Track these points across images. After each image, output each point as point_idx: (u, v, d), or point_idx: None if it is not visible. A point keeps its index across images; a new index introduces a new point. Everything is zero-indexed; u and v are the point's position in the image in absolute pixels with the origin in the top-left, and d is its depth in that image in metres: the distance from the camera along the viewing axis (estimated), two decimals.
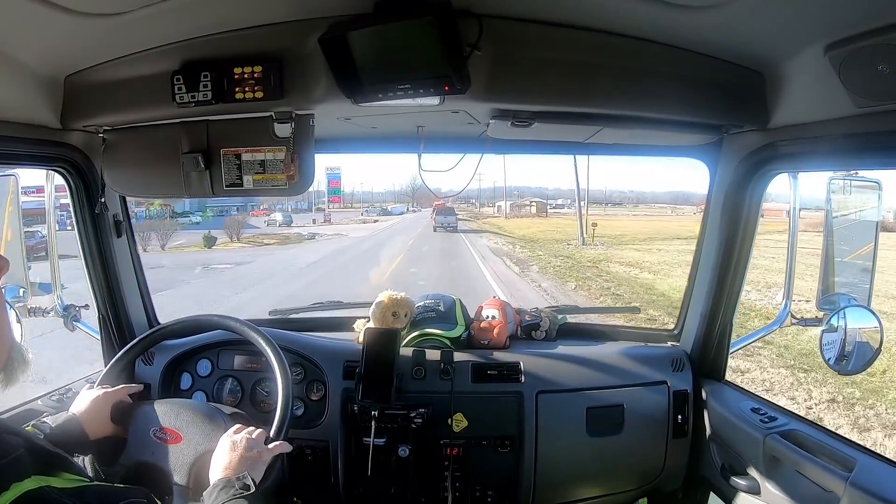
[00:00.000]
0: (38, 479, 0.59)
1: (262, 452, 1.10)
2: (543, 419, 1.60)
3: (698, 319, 1.67)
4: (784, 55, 1.13)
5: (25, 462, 0.60)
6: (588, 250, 19.07)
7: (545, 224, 34.79)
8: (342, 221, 39.74)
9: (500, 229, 30.75)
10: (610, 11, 1.11)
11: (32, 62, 1.20)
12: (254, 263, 16.87)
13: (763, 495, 1.37)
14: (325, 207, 48.05)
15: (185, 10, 1.09)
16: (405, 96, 1.16)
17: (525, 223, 36.47)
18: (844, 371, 1.42)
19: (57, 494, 0.59)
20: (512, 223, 37.12)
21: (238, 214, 34.14)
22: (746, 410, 1.48)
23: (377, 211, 55.36)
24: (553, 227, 30.06)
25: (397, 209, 61.52)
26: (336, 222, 38.94)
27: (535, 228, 30.15)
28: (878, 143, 1.05)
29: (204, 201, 32.59)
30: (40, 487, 0.58)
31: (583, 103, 1.25)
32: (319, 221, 39.26)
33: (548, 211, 49.45)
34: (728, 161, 1.51)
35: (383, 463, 1.57)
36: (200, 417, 1.21)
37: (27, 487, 0.57)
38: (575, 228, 23.03)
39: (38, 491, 0.57)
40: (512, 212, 48.56)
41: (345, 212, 53.40)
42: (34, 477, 0.59)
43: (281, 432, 1.24)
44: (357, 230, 31.33)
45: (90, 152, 1.52)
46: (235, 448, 1.07)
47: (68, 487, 0.61)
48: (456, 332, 1.76)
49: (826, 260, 1.49)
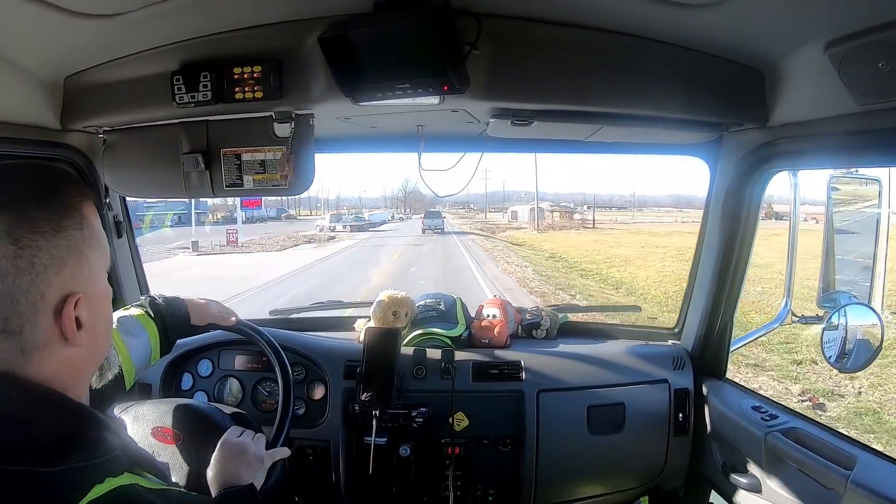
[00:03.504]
0: (130, 476, 0.61)
1: (263, 458, 1.10)
2: (544, 418, 1.60)
3: (699, 317, 1.67)
4: (784, 52, 1.13)
5: (122, 459, 0.62)
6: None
7: (608, 242, 22.60)
8: (262, 243, 23.73)
9: (557, 262, 16.54)
10: (609, 10, 1.11)
11: (32, 63, 1.20)
12: None
13: (764, 493, 1.37)
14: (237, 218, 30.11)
15: (184, 10, 1.09)
16: (404, 95, 1.16)
17: (580, 243, 22.39)
18: (845, 369, 1.42)
19: (144, 492, 0.61)
20: (555, 242, 23.10)
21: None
22: (747, 408, 1.48)
23: (348, 219, 36.90)
24: (640, 252, 18.52)
25: (378, 216, 44.67)
26: (251, 245, 22.96)
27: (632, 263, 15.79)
28: (878, 141, 1.04)
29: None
30: (131, 484, 0.60)
31: (582, 102, 1.24)
32: (213, 246, 21.53)
33: (573, 218, 37.66)
34: (728, 159, 1.51)
35: (384, 462, 1.57)
36: (201, 417, 1.21)
37: (119, 483, 0.59)
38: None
39: (129, 487, 0.60)
40: (531, 220, 35.36)
41: (289, 224, 39.32)
42: (126, 474, 0.61)
43: (281, 436, 1.24)
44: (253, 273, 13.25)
45: (90, 153, 1.52)
46: (238, 454, 1.06)
47: (154, 488, 0.64)
48: (457, 331, 1.76)
49: (826, 258, 1.48)
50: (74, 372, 0.65)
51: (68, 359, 0.63)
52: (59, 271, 0.61)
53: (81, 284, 0.63)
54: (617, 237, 26.02)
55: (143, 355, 1.17)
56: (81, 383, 0.67)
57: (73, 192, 0.64)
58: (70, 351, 0.63)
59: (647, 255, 17.77)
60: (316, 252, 20.82)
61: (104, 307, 0.69)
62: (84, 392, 0.68)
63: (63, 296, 0.61)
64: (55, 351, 0.62)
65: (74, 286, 0.62)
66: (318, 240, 26.98)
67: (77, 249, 0.62)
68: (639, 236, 26.00)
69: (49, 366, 0.61)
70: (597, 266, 15.49)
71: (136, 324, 1.17)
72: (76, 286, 0.62)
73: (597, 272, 14.32)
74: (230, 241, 22.83)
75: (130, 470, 0.63)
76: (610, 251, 19.06)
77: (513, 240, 25.77)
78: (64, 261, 0.61)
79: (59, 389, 0.62)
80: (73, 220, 0.62)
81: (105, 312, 0.69)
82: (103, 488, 0.57)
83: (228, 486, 0.99)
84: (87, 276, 0.64)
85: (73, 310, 0.61)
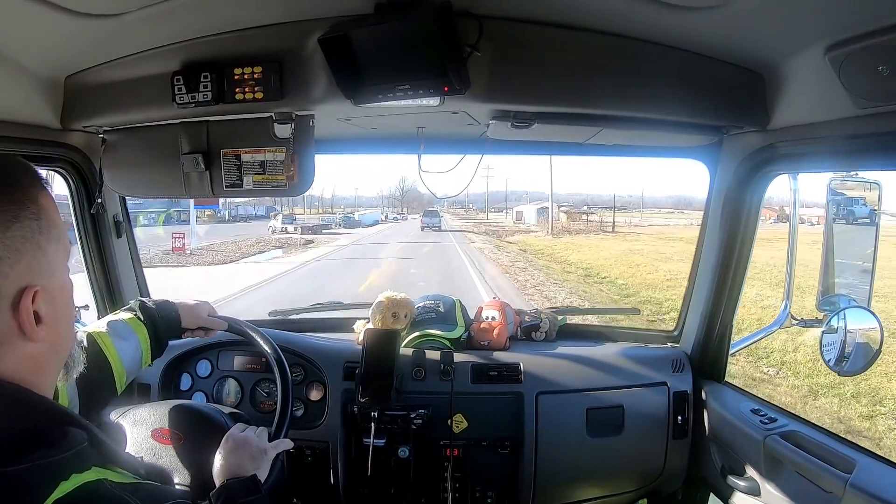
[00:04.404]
0: (98, 471, 0.60)
1: (266, 450, 1.10)
2: (543, 420, 1.60)
3: (698, 320, 1.67)
4: (784, 56, 1.13)
5: (88, 454, 0.61)
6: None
7: (640, 250, 18.62)
8: (220, 250, 19.74)
9: (603, 285, 12.52)
10: (610, 12, 1.11)
11: (32, 63, 1.20)
12: None
13: (763, 496, 1.37)
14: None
15: (185, 10, 1.09)
16: (405, 97, 1.16)
17: (611, 252, 18.19)
18: (844, 372, 1.41)
19: (114, 488, 0.59)
20: (579, 250, 19.22)
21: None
22: (746, 411, 1.48)
23: (332, 219, 31.35)
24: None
25: (369, 216, 40.93)
26: (204, 253, 19.01)
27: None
28: (878, 144, 1.05)
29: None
30: (99, 479, 0.59)
31: (583, 104, 1.24)
32: (153, 255, 16.41)
33: (589, 220, 33.09)
34: (728, 162, 1.51)
35: (383, 464, 1.57)
36: (201, 417, 1.21)
37: (86, 479, 0.57)
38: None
39: (96, 483, 0.58)
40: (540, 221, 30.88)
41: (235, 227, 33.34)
42: (94, 469, 0.59)
43: (282, 431, 1.24)
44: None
45: (90, 153, 1.52)
46: (241, 447, 1.06)
47: (125, 483, 0.62)
48: (456, 332, 1.76)
49: (826, 261, 1.48)
50: (36, 368, 0.63)
51: (29, 355, 0.61)
52: (14, 263, 0.59)
53: (39, 277, 0.61)
54: (650, 244, 21.08)
55: (133, 358, 1.17)
56: (46, 380, 0.65)
57: (29, 182, 0.62)
58: (30, 346, 0.61)
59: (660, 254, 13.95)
60: (271, 266, 15.75)
61: (65, 300, 0.67)
62: (49, 389, 0.66)
63: (20, 289, 0.59)
64: (14, 347, 0.60)
65: (32, 279, 0.60)
66: (290, 245, 22.69)
67: (34, 241, 0.61)
68: (676, 244, 20.59)
69: (9, 362, 0.60)
70: (666, 295, 10.70)
71: (125, 327, 1.17)
72: (33, 279, 0.60)
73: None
74: (175, 247, 18.22)
75: (101, 464, 0.61)
76: (659, 266, 14.08)
77: (526, 245, 21.64)
78: (20, 252, 0.59)
79: (22, 386, 0.60)
80: (30, 211, 0.61)
81: (66, 306, 0.67)
82: (69, 486, 0.55)
83: (232, 477, 1.00)
84: (46, 268, 0.62)
85: (30, 303, 0.60)
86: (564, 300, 10.60)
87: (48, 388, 0.66)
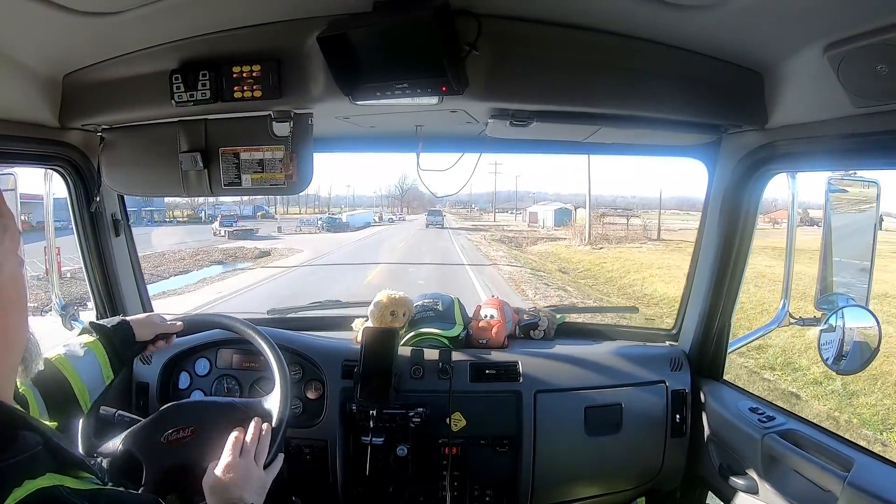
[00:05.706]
0: (53, 478, 0.57)
1: (266, 485, 1.08)
2: (542, 419, 1.60)
3: (696, 319, 1.67)
4: (783, 55, 1.13)
5: (42, 459, 0.58)
6: None
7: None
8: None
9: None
10: (608, 11, 1.11)
11: (31, 61, 1.20)
12: None
13: (761, 495, 1.37)
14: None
15: (183, 9, 1.09)
16: (403, 95, 1.16)
17: (674, 266, 12.76)
18: (841, 370, 1.42)
19: (69, 494, 0.56)
20: (637, 268, 13.25)
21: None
22: (745, 410, 1.48)
23: (314, 220, 26.04)
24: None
25: (359, 217, 34.95)
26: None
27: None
28: (876, 143, 1.05)
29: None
30: (53, 486, 0.56)
31: (581, 103, 1.24)
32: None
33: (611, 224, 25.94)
34: (727, 161, 1.51)
35: (382, 462, 1.57)
36: (213, 409, 1.19)
37: (40, 485, 0.55)
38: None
39: (51, 489, 0.55)
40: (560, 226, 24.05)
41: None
42: (49, 475, 0.57)
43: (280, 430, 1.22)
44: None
45: (89, 151, 1.52)
46: (242, 477, 1.03)
47: (83, 489, 0.59)
48: (454, 331, 1.76)
49: (825, 260, 1.49)
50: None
51: None
52: None
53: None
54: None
55: (92, 373, 1.16)
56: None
57: None
58: None
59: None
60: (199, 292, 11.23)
61: (15, 293, 0.63)
62: (4, 387, 0.63)
63: None
64: None
65: None
66: (238, 258, 16.91)
67: None
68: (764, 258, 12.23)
69: None
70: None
71: (79, 346, 1.17)
72: None
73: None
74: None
75: (59, 470, 0.59)
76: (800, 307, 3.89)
77: (562, 260, 14.56)
78: None
79: None
80: None
81: (16, 299, 0.64)
82: (22, 492, 0.52)
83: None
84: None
85: None
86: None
87: (4, 387, 0.63)
